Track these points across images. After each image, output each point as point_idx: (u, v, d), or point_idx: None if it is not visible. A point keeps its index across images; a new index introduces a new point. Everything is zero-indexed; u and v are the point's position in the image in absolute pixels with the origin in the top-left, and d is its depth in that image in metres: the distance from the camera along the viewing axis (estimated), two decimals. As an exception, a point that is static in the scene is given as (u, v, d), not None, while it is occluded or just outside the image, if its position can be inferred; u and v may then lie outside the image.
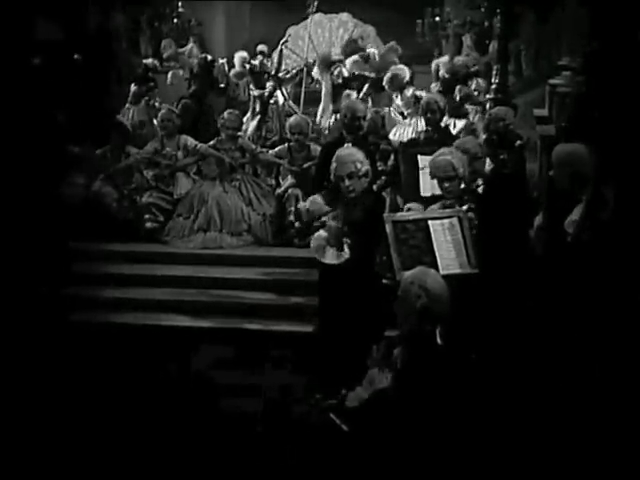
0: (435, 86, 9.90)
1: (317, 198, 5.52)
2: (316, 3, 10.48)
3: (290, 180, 8.42)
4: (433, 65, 10.60)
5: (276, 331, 6.91)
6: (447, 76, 9.54)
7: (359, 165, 5.28)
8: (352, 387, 3.99)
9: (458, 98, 8.63)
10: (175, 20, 14.54)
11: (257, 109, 10.56)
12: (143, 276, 7.74)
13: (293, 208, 7.97)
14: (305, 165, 8.21)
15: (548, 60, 10.27)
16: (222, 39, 15.27)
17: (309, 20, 11.09)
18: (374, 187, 6.15)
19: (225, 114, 8.68)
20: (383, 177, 6.98)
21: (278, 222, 8.28)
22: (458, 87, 8.81)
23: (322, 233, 5.34)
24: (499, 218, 5.23)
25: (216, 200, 8.31)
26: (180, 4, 14.62)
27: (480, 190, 5.66)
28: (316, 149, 8.17)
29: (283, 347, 6.47)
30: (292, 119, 8.58)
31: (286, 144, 8.61)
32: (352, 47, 11.28)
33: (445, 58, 10.82)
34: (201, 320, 7.18)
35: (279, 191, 8.45)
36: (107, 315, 7.21)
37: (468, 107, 8.62)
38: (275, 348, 6.54)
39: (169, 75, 11.76)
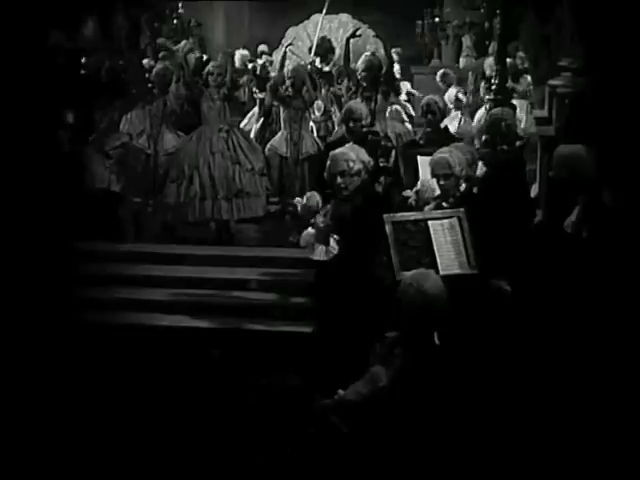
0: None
1: (314, 194, 5.58)
2: (327, 4, 10.49)
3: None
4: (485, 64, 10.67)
5: (276, 331, 6.91)
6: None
7: (351, 164, 5.40)
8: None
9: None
10: (175, 21, 14.54)
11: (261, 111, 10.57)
12: (143, 276, 7.75)
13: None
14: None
15: (548, 61, 10.28)
16: (222, 40, 15.29)
17: (319, 21, 11.03)
18: (379, 187, 6.17)
19: (210, 67, 8.70)
20: (388, 175, 7.00)
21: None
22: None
23: (310, 230, 5.45)
24: (497, 215, 5.24)
25: (207, 164, 8.25)
26: (180, 5, 14.63)
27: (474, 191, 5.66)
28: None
29: (283, 347, 6.48)
30: (291, 65, 8.61)
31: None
32: (325, 47, 11.28)
33: (491, 59, 10.87)
34: (201, 320, 7.19)
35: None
36: (108, 315, 7.21)
37: (515, 102, 8.78)
38: (275, 348, 6.54)
39: None
